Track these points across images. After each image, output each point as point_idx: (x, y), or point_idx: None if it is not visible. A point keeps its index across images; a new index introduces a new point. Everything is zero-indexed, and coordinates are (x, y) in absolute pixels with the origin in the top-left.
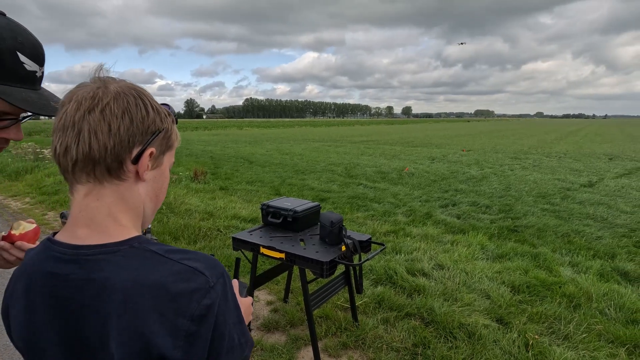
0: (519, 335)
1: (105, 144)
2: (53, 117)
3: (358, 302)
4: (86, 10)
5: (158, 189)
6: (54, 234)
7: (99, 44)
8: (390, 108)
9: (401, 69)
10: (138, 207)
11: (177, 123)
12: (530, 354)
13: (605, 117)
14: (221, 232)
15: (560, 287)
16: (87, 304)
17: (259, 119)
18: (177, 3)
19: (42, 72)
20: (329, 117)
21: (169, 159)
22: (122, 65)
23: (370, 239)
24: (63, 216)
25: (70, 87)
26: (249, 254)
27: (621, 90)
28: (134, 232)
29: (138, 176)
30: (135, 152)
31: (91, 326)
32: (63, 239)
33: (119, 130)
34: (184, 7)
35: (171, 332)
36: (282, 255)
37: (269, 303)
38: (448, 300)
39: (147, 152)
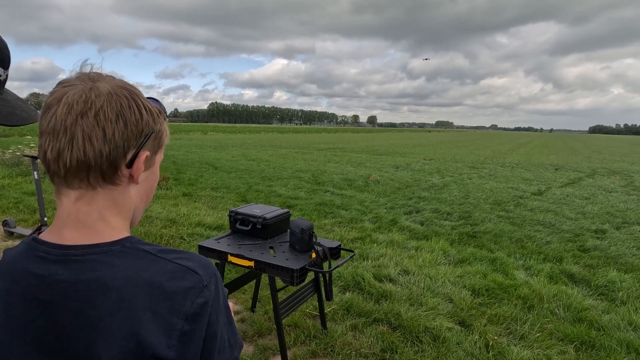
0: (480, 337)
1: (101, 150)
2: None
3: (327, 309)
4: (40, 1)
5: (149, 188)
6: (39, 234)
7: (53, 39)
8: (356, 117)
9: (368, 79)
10: (129, 209)
11: (167, 119)
12: (490, 354)
13: (551, 130)
14: (185, 240)
15: (515, 289)
16: (72, 307)
17: (224, 124)
18: (143, 1)
19: (7, 75)
20: (296, 124)
21: (159, 157)
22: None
23: (340, 245)
24: (5, 224)
25: (18, 84)
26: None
27: (565, 107)
28: (125, 233)
29: (132, 179)
30: (129, 156)
31: (75, 330)
32: (49, 239)
33: (114, 135)
34: (150, 6)
35: (165, 332)
36: (251, 264)
37: (236, 313)
38: (414, 305)
39: (142, 156)
